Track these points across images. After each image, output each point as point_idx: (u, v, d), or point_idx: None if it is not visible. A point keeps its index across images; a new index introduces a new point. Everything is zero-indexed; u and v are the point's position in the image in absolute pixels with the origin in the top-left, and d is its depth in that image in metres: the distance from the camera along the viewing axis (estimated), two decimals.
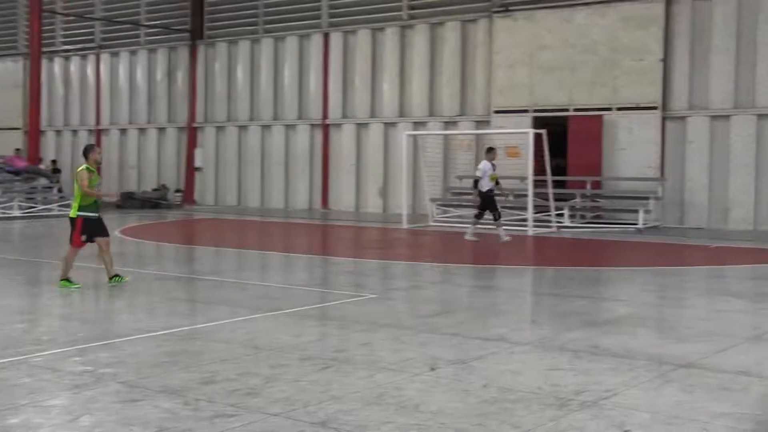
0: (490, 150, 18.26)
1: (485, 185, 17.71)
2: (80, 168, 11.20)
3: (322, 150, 28.09)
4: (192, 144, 31.05)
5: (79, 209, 11.08)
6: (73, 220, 11.18)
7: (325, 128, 28.00)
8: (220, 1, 30.49)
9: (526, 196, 20.24)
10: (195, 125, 31.07)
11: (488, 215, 18.20)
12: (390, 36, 26.48)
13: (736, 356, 7.39)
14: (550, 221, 20.81)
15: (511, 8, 23.98)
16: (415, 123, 25.91)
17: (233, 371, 6.72)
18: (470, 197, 24.56)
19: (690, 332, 8.50)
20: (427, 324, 8.82)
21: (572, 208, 22.19)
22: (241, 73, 29.87)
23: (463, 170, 24.91)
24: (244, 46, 29.73)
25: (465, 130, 24.87)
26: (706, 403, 5.94)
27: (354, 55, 27.32)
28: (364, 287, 11.88)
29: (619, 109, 22.34)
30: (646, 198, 21.28)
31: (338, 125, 27.77)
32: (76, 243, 11.17)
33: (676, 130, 21.72)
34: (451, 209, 23.73)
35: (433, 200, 23.60)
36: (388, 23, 26.53)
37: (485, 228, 18.56)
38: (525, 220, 20.18)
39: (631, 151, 22.14)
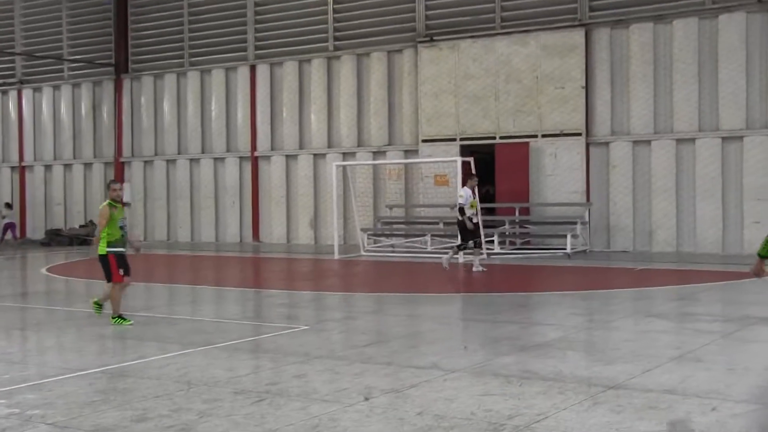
0: (471, 177, 18.09)
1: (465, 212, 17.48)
2: (102, 204, 11.32)
3: (251, 182, 27.99)
4: (119, 179, 30.60)
5: (108, 245, 11.12)
6: (104, 258, 11.16)
7: (254, 160, 27.92)
8: (145, 34, 30.26)
9: (455, 224, 20.46)
10: (122, 160, 30.66)
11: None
12: (317, 67, 26.63)
13: (661, 376, 7.59)
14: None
15: (435, 38, 24.37)
16: (344, 153, 26.03)
17: (166, 408, 6.64)
18: (402, 226, 24.89)
19: (617, 354, 8.69)
20: (361, 354, 8.85)
21: (502, 235, 22.53)
22: (167, 107, 29.64)
23: (393, 199, 25.12)
24: (170, 79, 29.53)
25: (394, 159, 25.08)
26: (633, 422, 6.09)
27: (281, 86, 27.38)
28: (298, 319, 11.85)
29: (545, 136, 22.82)
30: (574, 223, 21.73)
31: (267, 157, 27.73)
32: (117, 279, 11.18)
33: (599, 156, 22.28)
34: (382, 239, 23.87)
35: (364, 230, 23.69)
36: (315, 54, 26.68)
37: (420, 256, 18.64)
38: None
39: (557, 177, 22.62)
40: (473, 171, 19.11)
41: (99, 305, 11.61)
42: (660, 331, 10.15)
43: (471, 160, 20.64)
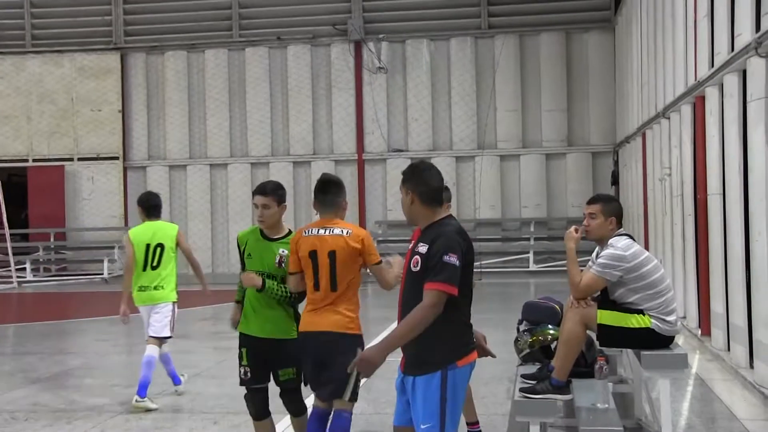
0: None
1: None
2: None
3: None
4: None
5: None
6: None
7: None
8: None
9: None
10: None
11: None
12: None
13: (175, 395, 7.90)
14: (10, 277, 19.89)
15: None
16: None
17: None
18: None
19: (136, 378, 8.80)
20: None
21: (35, 262, 21.54)
22: None
23: None
24: None
25: None
26: None
27: None
28: None
29: (81, 159, 22.34)
30: (112, 247, 21.50)
31: None
32: None
33: (137, 180, 22.33)
34: None
35: None
36: None
37: None
38: None
39: (94, 201, 22.23)
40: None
41: None
42: (183, 352, 10.47)
43: None
